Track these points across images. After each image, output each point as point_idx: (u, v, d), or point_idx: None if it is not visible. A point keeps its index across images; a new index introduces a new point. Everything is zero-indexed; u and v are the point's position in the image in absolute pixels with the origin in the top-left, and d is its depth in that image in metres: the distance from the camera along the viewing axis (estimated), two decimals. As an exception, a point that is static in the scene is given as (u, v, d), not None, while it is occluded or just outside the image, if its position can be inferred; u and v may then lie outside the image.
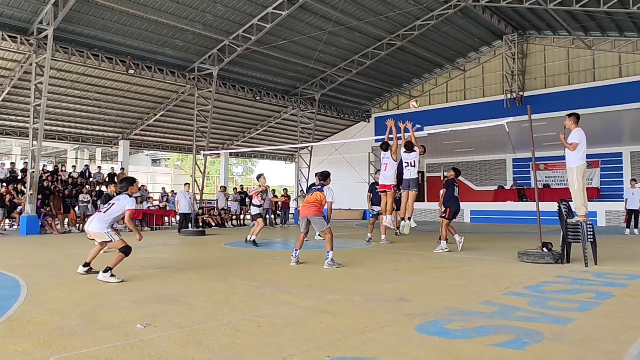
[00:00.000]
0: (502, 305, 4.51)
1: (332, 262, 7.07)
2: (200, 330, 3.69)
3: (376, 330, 3.69)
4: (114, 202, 6.39)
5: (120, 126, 22.36)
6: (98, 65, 16.27)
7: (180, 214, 16.05)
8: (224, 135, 26.43)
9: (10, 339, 3.48)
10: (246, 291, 5.36)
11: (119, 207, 6.29)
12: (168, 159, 46.88)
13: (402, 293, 5.12)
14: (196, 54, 18.14)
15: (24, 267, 7.07)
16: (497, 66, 23.18)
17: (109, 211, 6.30)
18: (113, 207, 6.31)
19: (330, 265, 7.02)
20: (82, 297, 5.02)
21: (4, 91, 17.03)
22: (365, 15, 17.75)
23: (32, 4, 13.53)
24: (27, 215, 14.28)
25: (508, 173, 27.10)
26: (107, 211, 6.31)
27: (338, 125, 28.33)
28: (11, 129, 19.79)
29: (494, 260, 7.92)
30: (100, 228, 6.21)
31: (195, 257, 8.98)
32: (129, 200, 6.31)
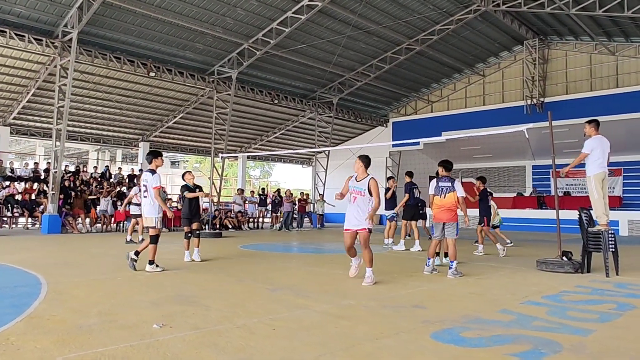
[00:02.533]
0: (519, 314, 4.45)
1: (456, 272, 6.72)
2: (216, 332, 3.71)
3: (391, 337, 3.66)
4: (146, 184, 6.81)
5: (140, 128, 22.68)
6: (120, 68, 16.56)
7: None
8: (242, 139, 26.62)
9: (30, 335, 3.55)
10: (262, 294, 5.38)
11: (150, 188, 6.79)
12: (187, 161, 47.36)
13: (418, 300, 5.08)
14: (216, 58, 18.33)
15: (45, 266, 7.20)
16: (517, 72, 22.93)
17: (150, 194, 6.78)
18: (149, 190, 6.78)
19: (454, 274, 6.68)
20: (101, 296, 5.09)
21: (29, 93, 17.43)
22: (384, 20, 17.73)
23: (58, 7, 13.84)
24: (49, 215, 14.56)
25: (527, 180, 26.74)
26: (149, 195, 6.77)
27: (356, 129, 28.32)
28: (35, 130, 20.22)
29: (512, 268, 7.81)
30: (153, 213, 6.77)
31: (212, 259, 9.03)
32: (152, 177, 6.81)
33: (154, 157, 7.03)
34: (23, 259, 8.03)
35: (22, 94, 17.75)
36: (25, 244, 11.11)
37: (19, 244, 10.87)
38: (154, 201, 6.80)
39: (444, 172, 7.19)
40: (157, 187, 6.79)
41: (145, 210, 6.86)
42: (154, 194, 6.73)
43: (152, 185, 6.76)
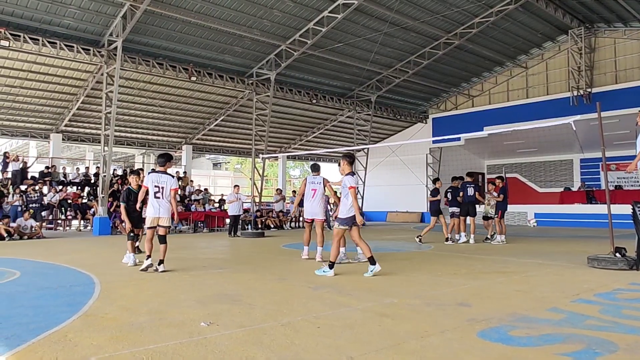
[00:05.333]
0: (570, 312, 4.30)
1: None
2: (261, 330, 3.77)
3: (436, 335, 3.62)
4: (162, 186, 6.95)
5: (183, 131, 23.27)
6: (163, 74, 17.04)
7: (230, 216, 15.94)
8: (282, 139, 26.88)
9: (86, 332, 3.71)
10: (304, 292, 5.42)
11: (168, 189, 6.96)
12: (228, 163, 48.25)
13: (462, 298, 4.99)
14: (254, 60, 18.57)
15: (97, 266, 7.50)
16: (562, 62, 22.14)
17: (165, 196, 6.94)
18: (166, 191, 6.95)
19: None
20: (150, 295, 5.27)
21: (78, 101, 18.22)
22: (421, 15, 17.49)
23: (103, 17, 14.38)
24: (99, 217, 15.16)
25: (575, 174, 25.75)
26: (165, 196, 6.95)
27: (395, 126, 28.08)
28: (85, 136, 21.09)
29: (561, 265, 7.56)
30: (169, 212, 6.98)
31: (255, 258, 9.18)
32: (171, 180, 7.07)
33: (167, 160, 7.22)
34: (76, 259, 8.40)
35: (72, 102, 18.56)
36: (78, 245, 11.61)
37: (72, 246, 11.37)
38: (170, 202, 6.99)
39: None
40: (175, 189, 7.05)
41: (163, 211, 6.96)
42: (172, 194, 6.97)
43: (172, 186, 7.00)
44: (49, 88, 17.54)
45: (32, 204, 14.75)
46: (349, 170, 6.86)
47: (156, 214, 6.95)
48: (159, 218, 6.97)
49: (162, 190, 6.95)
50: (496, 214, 12.00)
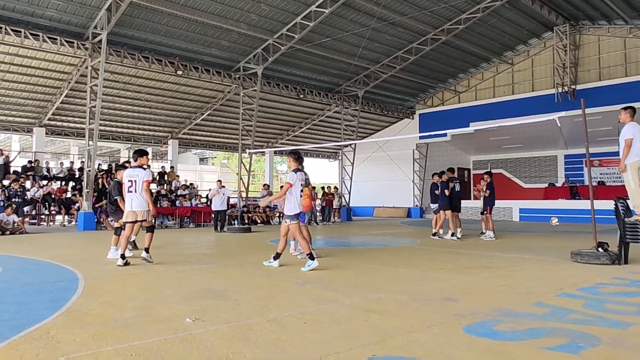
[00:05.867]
0: (554, 307, 4.35)
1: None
2: (247, 326, 3.75)
3: (422, 331, 3.64)
4: (135, 180, 7.02)
5: (169, 126, 23.06)
6: (148, 67, 16.84)
7: (214, 211, 15.68)
8: (269, 134, 26.77)
9: (69, 329, 3.66)
10: (291, 288, 5.41)
11: (141, 182, 7.01)
12: (215, 158, 47.96)
13: (449, 293, 5.02)
14: (241, 54, 18.44)
15: (81, 262, 7.40)
16: (547, 59, 22.34)
17: (138, 189, 6.99)
18: (137, 185, 7.00)
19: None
20: (135, 291, 5.21)
21: (62, 94, 17.93)
22: (409, 11, 17.51)
23: (87, 9, 14.15)
24: (84, 212, 14.98)
25: (559, 170, 26.09)
26: (137, 189, 7.00)
27: (382, 122, 28.13)
28: (69, 130, 20.79)
29: (545, 260, 7.65)
30: (142, 205, 7.02)
31: (242, 253, 9.14)
32: (144, 172, 7.11)
33: (139, 156, 7.28)
34: (60, 255, 8.28)
35: (55, 95, 18.27)
36: (62, 240, 11.45)
37: (56, 241, 11.22)
38: (143, 195, 7.02)
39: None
40: (147, 181, 7.05)
41: (136, 204, 7.03)
42: (144, 187, 6.98)
43: (144, 178, 7.02)
44: (31, 81, 17.24)
45: (14, 199, 14.52)
46: (295, 166, 7.08)
47: (129, 207, 7.07)
48: (134, 212, 7.05)
49: (135, 183, 7.02)
50: (485, 210, 12.10)
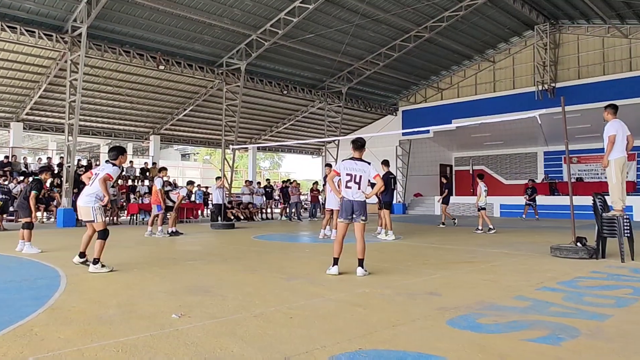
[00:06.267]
0: (535, 300, 4.45)
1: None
2: (233, 321, 3.76)
3: (407, 324, 3.69)
4: (98, 173, 6.29)
5: (151, 121, 22.80)
6: (130, 62, 16.63)
7: (215, 204, 16.37)
8: (252, 130, 26.67)
9: (53, 326, 3.62)
10: (277, 283, 5.42)
11: (102, 173, 6.22)
12: (197, 154, 47.57)
13: (432, 287, 5.10)
14: (224, 49, 18.32)
15: (62, 259, 7.28)
16: (528, 57, 22.66)
17: (94, 184, 6.22)
18: (97, 179, 6.20)
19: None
20: (118, 287, 5.17)
21: (40, 88, 17.60)
22: (392, 7, 17.58)
23: (67, 2, 13.90)
24: (63, 209, 14.73)
25: (539, 166, 26.52)
26: (93, 183, 6.24)
27: (365, 118, 28.23)
28: (47, 125, 20.43)
29: (525, 255, 7.79)
30: (87, 202, 6.16)
31: (226, 249, 9.12)
32: (111, 167, 6.29)
33: (119, 154, 6.45)
34: (40, 252, 8.15)
35: (33, 89, 17.92)
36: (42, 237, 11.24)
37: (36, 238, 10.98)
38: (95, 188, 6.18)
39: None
40: (109, 175, 6.20)
41: (81, 200, 6.28)
42: (101, 177, 6.12)
43: (107, 171, 6.21)
44: (8, 75, 16.88)
45: (1, 195, 14.17)
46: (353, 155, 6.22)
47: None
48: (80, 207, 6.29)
49: (95, 177, 6.24)
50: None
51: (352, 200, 5.93)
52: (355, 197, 5.93)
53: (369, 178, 6.04)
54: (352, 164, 6.04)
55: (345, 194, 5.99)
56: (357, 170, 5.97)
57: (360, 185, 5.94)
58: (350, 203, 5.93)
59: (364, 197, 5.96)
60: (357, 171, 5.97)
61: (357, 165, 6.02)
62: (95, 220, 6.19)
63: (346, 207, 5.96)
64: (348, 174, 5.98)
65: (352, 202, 5.93)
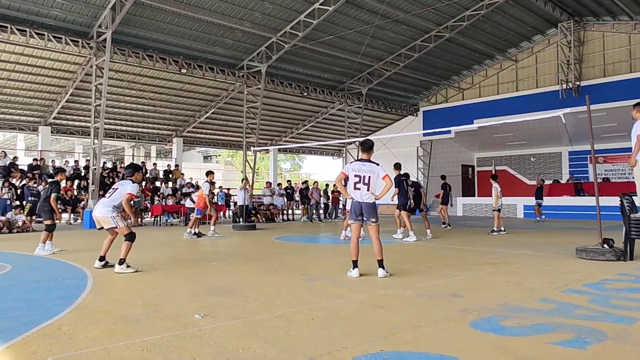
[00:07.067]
0: (560, 302, 4.37)
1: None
2: (255, 322, 3.79)
3: (429, 326, 3.67)
4: (117, 187, 6.56)
5: (173, 124, 23.13)
6: (153, 66, 16.91)
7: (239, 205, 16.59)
8: (273, 132, 26.82)
9: (80, 325, 3.71)
10: (298, 284, 5.45)
11: (122, 192, 6.45)
12: (219, 156, 48.02)
13: (454, 289, 5.05)
14: (245, 52, 18.48)
15: (89, 259, 7.43)
16: (551, 55, 22.29)
17: (113, 196, 6.47)
18: (116, 193, 6.48)
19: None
20: (143, 288, 5.26)
21: (67, 93, 18.02)
22: (412, 8, 17.49)
23: (92, 9, 14.21)
24: (89, 210, 15.02)
25: (564, 166, 26.03)
26: (111, 196, 6.48)
27: (385, 119, 28.13)
28: (74, 129, 20.89)
29: (550, 256, 7.66)
30: (105, 212, 6.36)
31: (248, 250, 9.19)
32: (131, 185, 6.51)
33: (135, 171, 6.73)
34: (68, 253, 8.35)
35: (61, 94, 18.36)
36: (69, 238, 11.53)
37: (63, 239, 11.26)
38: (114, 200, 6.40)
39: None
40: (132, 195, 6.43)
41: (98, 211, 6.46)
42: (126, 198, 6.34)
43: (128, 190, 6.41)
44: (37, 80, 17.33)
45: (31, 197, 14.56)
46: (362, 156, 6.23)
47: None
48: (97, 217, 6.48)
49: (114, 192, 6.52)
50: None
51: (361, 202, 5.95)
52: (364, 199, 5.95)
53: (378, 178, 6.04)
54: (360, 165, 6.07)
55: (354, 196, 6.01)
56: (365, 172, 5.99)
57: (369, 186, 5.96)
58: (359, 204, 5.96)
59: (373, 199, 5.99)
60: (365, 172, 5.99)
61: (365, 166, 6.05)
62: (118, 227, 6.39)
63: (355, 208, 5.99)
64: (357, 176, 6.00)
65: (360, 204, 5.95)
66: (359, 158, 6.22)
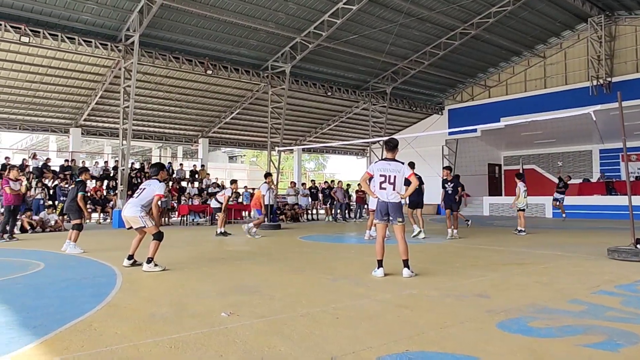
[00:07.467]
0: (591, 304, 4.27)
1: None
2: (281, 321, 3.82)
3: (455, 326, 3.63)
4: (145, 187, 6.66)
5: (199, 125, 23.42)
6: (179, 68, 17.17)
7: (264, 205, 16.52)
8: (297, 132, 26.90)
9: (110, 322, 3.80)
10: (322, 284, 5.46)
11: (150, 192, 6.55)
12: (244, 156, 48.45)
13: (481, 289, 4.99)
14: (269, 53, 18.59)
15: (118, 258, 7.60)
16: (581, 51, 21.75)
17: (141, 196, 6.57)
18: (144, 192, 6.58)
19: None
20: (170, 286, 5.36)
21: (97, 95, 18.44)
22: (437, 5, 17.32)
23: (120, 12, 14.52)
24: (118, 210, 15.35)
25: (594, 165, 25.37)
26: (139, 196, 6.58)
27: (410, 118, 27.91)
28: (103, 130, 21.37)
29: (580, 257, 7.49)
30: (134, 212, 6.47)
31: (273, 250, 9.25)
32: (158, 185, 6.60)
33: (160, 170, 6.88)
34: (98, 251, 8.56)
35: (91, 96, 18.80)
36: (99, 237, 11.81)
37: (93, 238, 11.55)
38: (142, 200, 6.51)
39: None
40: (160, 195, 6.56)
41: (127, 211, 6.58)
42: (155, 200, 6.49)
43: (157, 191, 6.52)
44: (68, 83, 17.78)
45: (63, 197, 14.97)
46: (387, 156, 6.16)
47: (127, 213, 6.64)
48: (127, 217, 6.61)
49: (142, 191, 6.62)
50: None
51: (387, 202, 5.92)
52: (390, 199, 5.91)
53: (404, 177, 6.01)
54: (385, 164, 6.05)
55: (380, 195, 5.97)
56: (390, 171, 5.97)
57: (395, 185, 5.92)
58: (385, 204, 5.93)
59: (399, 198, 5.94)
60: (390, 171, 5.96)
61: (390, 165, 6.02)
62: (146, 226, 6.50)
63: (381, 208, 5.97)
64: (382, 175, 5.97)
65: (386, 204, 5.92)
66: (384, 157, 6.21)
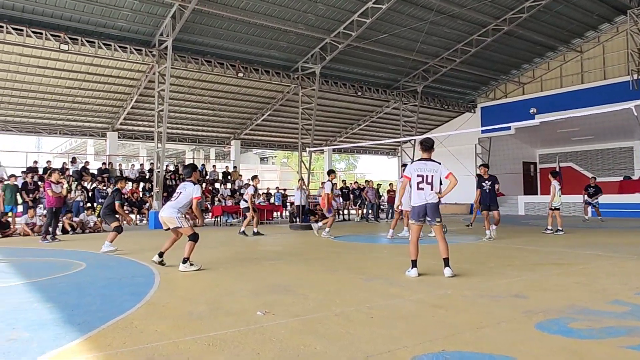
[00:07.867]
0: (635, 305, 4.14)
1: None
2: (315, 320, 3.84)
3: (491, 327, 3.58)
4: (181, 191, 6.79)
5: (231, 127, 23.76)
6: (211, 71, 17.46)
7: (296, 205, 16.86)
8: (328, 132, 26.95)
9: (150, 320, 3.91)
10: (356, 283, 5.46)
11: (187, 195, 6.69)
12: (275, 157, 48.84)
13: (517, 289, 4.89)
14: (299, 54, 18.70)
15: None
16: (620, 44, 21.03)
17: (178, 199, 6.72)
18: (181, 196, 6.72)
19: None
20: (206, 286, 5.46)
21: (132, 100, 18.95)
22: (468, 2, 17.06)
23: (154, 18, 14.88)
24: (154, 211, 15.73)
25: (636, 162, 24.47)
26: (177, 199, 6.74)
27: (442, 117, 27.58)
28: (139, 133, 21.94)
29: (622, 257, 7.25)
30: (171, 213, 6.63)
31: (305, 250, 9.30)
32: (194, 188, 6.73)
33: (193, 170, 6.97)
34: (136, 252, 8.79)
35: (126, 101, 19.34)
36: (136, 238, 12.11)
37: (131, 239, 11.87)
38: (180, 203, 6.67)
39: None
40: (198, 198, 6.69)
41: (164, 212, 6.73)
42: (195, 203, 6.65)
43: (195, 194, 6.66)
44: (104, 88, 18.33)
45: (101, 200, 15.45)
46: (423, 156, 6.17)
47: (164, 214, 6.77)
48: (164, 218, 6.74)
49: (179, 195, 6.76)
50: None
51: (425, 203, 5.88)
52: (428, 199, 5.87)
53: (441, 177, 5.95)
54: (421, 164, 6.02)
55: (417, 197, 5.93)
56: (427, 171, 5.93)
57: (432, 185, 5.88)
58: (424, 207, 5.89)
59: (437, 199, 5.90)
60: (428, 171, 5.93)
61: (427, 165, 5.99)
62: (182, 226, 6.66)
63: (419, 211, 5.94)
64: (419, 175, 5.94)
65: (425, 206, 5.89)
66: (420, 157, 6.18)
